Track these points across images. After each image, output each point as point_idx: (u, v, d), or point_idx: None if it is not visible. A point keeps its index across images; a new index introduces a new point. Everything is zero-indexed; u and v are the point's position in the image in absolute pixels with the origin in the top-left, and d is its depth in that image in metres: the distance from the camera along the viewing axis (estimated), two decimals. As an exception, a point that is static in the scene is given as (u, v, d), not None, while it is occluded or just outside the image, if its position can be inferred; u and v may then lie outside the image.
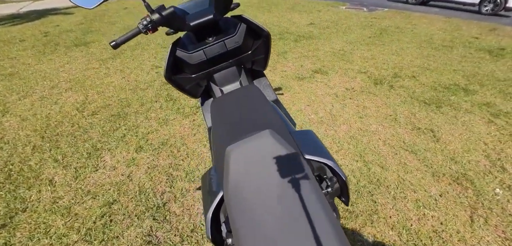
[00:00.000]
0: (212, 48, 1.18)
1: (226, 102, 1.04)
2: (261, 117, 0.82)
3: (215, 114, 0.99)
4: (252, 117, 0.83)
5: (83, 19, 6.60)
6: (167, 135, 2.00)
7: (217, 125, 0.91)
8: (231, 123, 0.83)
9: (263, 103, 0.94)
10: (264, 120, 0.80)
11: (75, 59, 3.79)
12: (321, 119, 2.18)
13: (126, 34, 0.96)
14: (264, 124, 0.77)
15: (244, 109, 0.91)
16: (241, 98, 1.01)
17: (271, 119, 0.81)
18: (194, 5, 1.25)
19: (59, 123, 2.24)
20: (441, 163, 1.77)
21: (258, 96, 1.00)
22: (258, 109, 0.89)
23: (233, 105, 0.98)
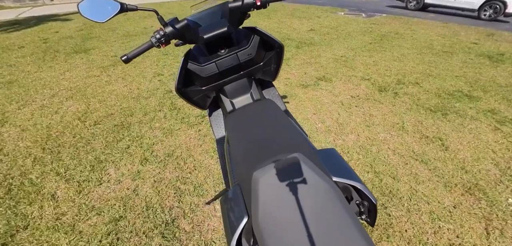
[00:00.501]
0: (224, 60, 1.15)
1: (242, 117, 1.00)
2: (284, 136, 0.79)
3: (232, 130, 0.96)
4: (274, 136, 0.80)
5: (82, 26, 6.56)
6: (172, 146, 1.96)
7: (235, 143, 0.88)
8: (253, 142, 0.79)
9: (282, 120, 0.91)
10: (288, 140, 0.77)
11: (75, 67, 3.73)
12: (329, 128, 2.15)
13: (137, 48, 0.93)
14: (290, 145, 0.73)
15: (264, 127, 0.88)
16: (258, 114, 0.98)
17: (295, 139, 0.78)
18: (206, 17, 1.23)
19: (60, 134, 2.19)
20: (452, 172, 1.74)
21: (276, 112, 0.97)
22: (278, 127, 0.86)
23: (251, 121, 0.95)
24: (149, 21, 7.12)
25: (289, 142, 0.76)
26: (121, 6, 0.87)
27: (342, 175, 0.70)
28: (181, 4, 11.21)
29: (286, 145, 0.74)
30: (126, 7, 0.88)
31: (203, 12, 1.26)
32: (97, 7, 0.87)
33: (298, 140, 0.79)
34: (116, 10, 0.87)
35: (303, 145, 0.75)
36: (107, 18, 0.88)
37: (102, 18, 0.88)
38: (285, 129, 0.85)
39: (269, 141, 0.77)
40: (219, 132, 1.50)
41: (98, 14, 0.87)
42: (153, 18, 7.59)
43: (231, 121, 1.03)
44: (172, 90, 2.83)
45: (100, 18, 0.87)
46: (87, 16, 0.86)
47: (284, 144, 0.75)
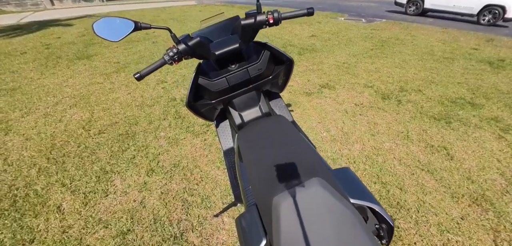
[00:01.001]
0: (235, 75, 1.16)
1: (255, 134, 1.00)
2: (300, 157, 0.79)
3: (245, 147, 0.96)
4: (290, 156, 0.80)
5: (84, 31, 6.58)
6: (178, 156, 1.95)
7: (249, 161, 0.88)
8: (269, 163, 0.79)
9: (296, 138, 0.91)
10: (305, 162, 0.77)
11: (78, 73, 3.74)
12: (334, 138, 2.15)
13: (150, 65, 0.93)
14: (307, 167, 0.73)
15: (278, 146, 0.88)
16: (271, 131, 0.98)
17: (311, 160, 0.78)
18: (216, 31, 1.24)
19: (64, 143, 2.18)
20: (458, 182, 1.75)
21: (289, 129, 0.97)
22: (293, 146, 0.86)
23: (265, 138, 0.94)
24: (150, 26, 7.15)
25: (306, 163, 0.76)
26: (135, 25, 0.88)
27: (360, 196, 0.71)
28: (183, 10, 11.27)
29: (303, 167, 0.74)
30: (140, 25, 0.88)
31: (212, 27, 1.27)
32: (111, 26, 0.87)
33: (314, 160, 0.79)
34: (130, 29, 0.88)
35: (319, 166, 0.75)
36: (121, 37, 0.88)
37: (116, 37, 0.88)
38: (300, 148, 0.85)
39: (286, 162, 0.77)
40: (227, 143, 1.50)
41: (112, 34, 0.87)
42: (156, 23, 7.63)
43: (243, 137, 1.03)
44: (176, 98, 2.83)
45: (114, 37, 0.88)
46: (101, 35, 0.87)
47: (301, 165, 0.75)
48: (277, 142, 0.90)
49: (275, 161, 0.79)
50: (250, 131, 1.05)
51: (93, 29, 0.85)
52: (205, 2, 15.26)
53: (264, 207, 0.69)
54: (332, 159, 1.92)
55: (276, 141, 0.91)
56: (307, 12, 1.01)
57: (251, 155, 0.90)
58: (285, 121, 1.03)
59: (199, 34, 1.24)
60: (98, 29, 0.86)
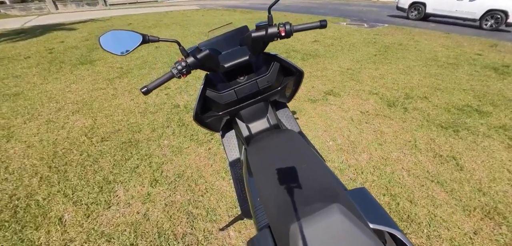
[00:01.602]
0: (243, 88, 1.13)
1: (265, 149, 0.97)
2: (316, 179, 0.76)
3: (255, 163, 0.92)
4: (305, 178, 0.76)
5: (88, 35, 6.59)
6: (182, 166, 1.92)
7: (261, 179, 0.84)
8: (283, 184, 0.76)
9: (310, 157, 0.88)
10: (321, 184, 0.73)
11: (81, 79, 3.72)
12: (341, 147, 2.12)
13: (157, 79, 0.91)
14: (324, 191, 0.70)
15: (291, 164, 0.84)
16: (283, 147, 0.95)
17: (328, 182, 0.74)
18: (223, 42, 1.21)
19: (67, 151, 2.15)
20: (469, 195, 1.70)
21: (302, 147, 0.93)
22: (307, 166, 0.82)
23: (276, 155, 0.91)
24: (153, 31, 7.16)
25: (322, 184, 0.73)
26: (143, 38, 0.85)
27: (379, 221, 0.67)
28: (185, 14, 11.32)
29: (320, 189, 0.70)
30: (148, 38, 0.86)
31: (220, 37, 1.24)
32: (119, 40, 0.85)
33: (330, 181, 0.75)
34: (138, 42, 0.85)
35: (336, 188, 0.72)
36: (128, 51, 0.86)
37: (123, 51, 0.86)
38: (314, 166, 0.82)
39: (301, 183, 0.74)
40: (233, 154, 1.47)
41: (119, 47, 0.85)
42: (158, 27, 7.64)
43: (253, 151, 1.00)
44: (179, 105, 2.81)
45: (121, 51, 0.86)
46: (108, 49, 0.84)
47: (318, 187, 0.71)
48: (289, 159, 0.87)
49: (289, 181, 0.76)
50: (260, 145, 1.02)
51: (100, 43, 0.83)
52: (208, 6, 15.34)
53: (279, 233, 0.65)
54: (340, 170, 1.88)
55: (288, 157, 0.88)
56: (320, 24, 0.98)
57: (262, 172, 0.86)
58: (297, 137, 0.99)
59: (207, 45, 1.21)
60: (105, 44, 0.84)
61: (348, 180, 1.79)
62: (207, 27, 7.70)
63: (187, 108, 2.74)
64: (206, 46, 1.21)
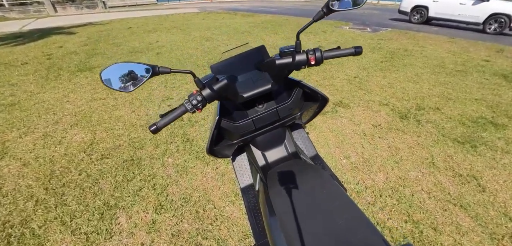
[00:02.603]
0: (263, 117, 1.01)
1: (291, 187, 0.86)
2: (355, 231, 0.65)
3: (279, 201, 0.81)
4: (342, 229, 0.65)
5: (87, 40, 6.47)
6: (188, 188, 1.80)
7: (289, 223, 0.73)
8: (316, 236, 0.65)
9: (343, 202, 0.77)
10: (362, 238, 0.62)
11: (80, 87, 3.60)
12: (355, 166, 2.01)
13: (168, 115, 0.79)
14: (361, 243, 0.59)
15: (324, 210, 0.74)
16: (312, 188, 0.83)
17: (370, 237, 0.63)
18: (238, 63, 1.10)
19: (64, 170, 2.03)
20: (495, 220, 1.59)
21: (333, 187, 0.82)
22: (341, 213, 0.71)
23: (305, 197, 0.80)
24: (153, 35, 7.04)
25: (362, 240, 0.62)
26: (152, 70, 0.74)
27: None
28: (185, 18, 11.21)
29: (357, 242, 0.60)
30: (158, 70, 0.75)
31: (234, 58, 1.13)
32: (123, 73, 0.73)
33: (373, 238, 0.64)
34: (146, 75, 0.74)
35: (376, 241, 0.61)
36: (136, 85, 0.74)
37: (130, 87, 0.74)
38: (350, 215, 0.71)
39: (340, 239, 0.63)
40: (245, 179, 1.36)
41: (124, 82, 0.73)
42: (158, 32, 7.53)
43: (274, 187, 0.89)
44: (183, 118, 2.69)
45: (127, 87, 0.74)
46: (112, 86, 0.73)
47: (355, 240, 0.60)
48: (322, 204, 0.76)
49: (325, 233, 0.65)
50: (282, 179, 0.91)
51: (101, 78, 0.71)
52: (208, 9, 15.24)
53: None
54: (356, 192, 1.77)
55: (320, 202, 0.77)
56: (354, 51, 0.87)
57: (288, 215, 0.75)
58: (326, 176, 0.88)
59: (220, 67, 1.10)
60: (108, 79, 0.72)
61: (366, 204, 1.68)
62: (209, 31, 7.60)
63: (191, 121, 2.62)
64: (219, 69, 1.10)
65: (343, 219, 0.70)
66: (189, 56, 4.96)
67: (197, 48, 5.55)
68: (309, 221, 0.71)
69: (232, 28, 7.93)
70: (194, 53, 5.20)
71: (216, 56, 4.93)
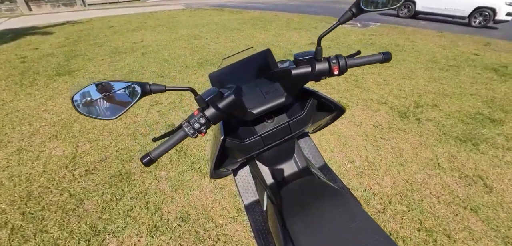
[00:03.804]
0: (273, 133, 0.88)
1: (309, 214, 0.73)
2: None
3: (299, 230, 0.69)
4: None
5: (65, 41, 6.06)
6: (185, 205, 1.65)
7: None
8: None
9: (372, 232, 0.65)
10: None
11: (59, 93, 3.32)
12: (360, 171, 1.92)
13: (164, 144, 0.65)
14: None
15: (346, 239, 0.62)
16: (336, 216, 0.71)
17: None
18: (241, 70, 0.95)
19: (44, 190, 1.82)
20: (506, 223, 1.55)
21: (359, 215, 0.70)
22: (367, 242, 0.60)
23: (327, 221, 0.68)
24: (138, 34, 6.70)
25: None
26: (142, 89, 0.59)
27: None
28: (171, 15, 10.82)
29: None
30: (150, 88, 0.60)
31: (235, 65, 0.98)
32: (105, 96, 0.57)
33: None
34: (135, 96, 0.59)
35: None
36: (121, 110, 0.59)
37: (113, 112, 0.59)
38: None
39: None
40: (249, 195, 1.23)
41: (105, 106, 0.58)
42: (143, 30, 7.19)
43: (289, 211, 0.77)
44: (175, 124, 2.51)
45: (109, 112, 0.59)
46: (88, 113, 0.57)
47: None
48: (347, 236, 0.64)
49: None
50: (298, 202, 0.79)
51: (73, 104, 0.55)
52: (194, 6, 14.83)
53: None
54: (365, 200, 1.68)
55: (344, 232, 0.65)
56: (382, 58, 0.76)
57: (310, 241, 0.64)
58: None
59: (220, 76, 0.95)
60: (82, 103, 0.56)
61: (377, 213, 1.60)
62: (196, 29, 7.34)
63: (184, 128, 2.45)
64: (219, 78, 0.95)
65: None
66: (177, 56, 4.73)
67: (185, 47, 5.31)
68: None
69: (221, 26, 7.70)
70: (182, 52, 4.97)
71: (206, 56, 4.73)
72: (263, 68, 0.95)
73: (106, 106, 0.56)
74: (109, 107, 0.57)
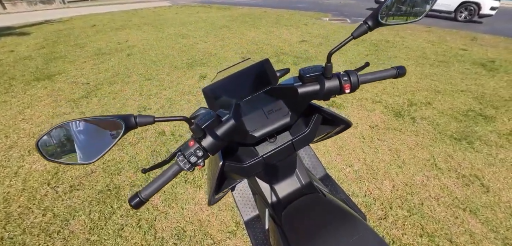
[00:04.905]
0: (276, 153, 0.80)
1: (315, 231, 0.67)
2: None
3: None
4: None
5: (43, 42, 5.72)
6: (180, 221, 1.55)
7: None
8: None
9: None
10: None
11: (38, 101, 3.10)
12: (359, 175, 1.88)
13: (155, 181, 0.58)
14: None
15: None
16: (340, 232, 0.66)
17: None
18: (237, 84, 0.87)
19: (24, 210, 1.68)
20: (504, 223, 1.56)
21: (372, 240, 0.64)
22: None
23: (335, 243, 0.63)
24: (122, 34, 6.43)
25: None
26: (125, 124, 0.49)
27: None
28: (156, 12, 10.48)
29: None
30: (136, 122, 0.51)
31: (230, 78, 0.90)
32: (80, 137, 0.48)
33: None
34: (117, 133, 0.49)
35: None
36: (101, 152, 0.49)
37: (92, 154, 0.49)
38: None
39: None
40: (248, 211, 1.16)
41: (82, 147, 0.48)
42: (127, 29, 6.90)
43: (296, 234, 0.72)
44: (165, 132, 2.39)
45: (87, 160, 0.49)
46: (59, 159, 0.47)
47: None
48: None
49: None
50: (304, 224, 0.73)
51: (39, 150, 0.45)
52: (180, 3, 14.44)
53: None
54: (366, 205, 1.65)
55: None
56: (396, 73, 0.69)
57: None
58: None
59: (215, 90, 0.86)
60: (49, 148, 0.46)
61: (378, 219, 1.56)
62: (184, 27, 7.12)
63: (174, 135, 2.34)
64: (214, 93, 0.86)
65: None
66: (165, 57, 4.56)
67: (173, 47, 5.13)
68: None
69: (209, 23, 7.51)
70: (170, 53, 4.80)
71: (195, 56, 4.58)
72: (262, 80, 0.87)
73: (81, 148, 0.47)
74: (86, 149, 0.47)
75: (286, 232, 0.76)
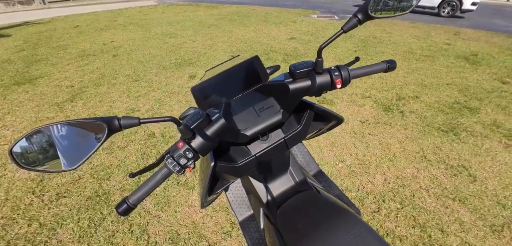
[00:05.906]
0: (268, 151, 0.79)
1: (311, 228, 0.67)
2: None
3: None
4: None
5: (23, 44, 5.46)
6: (174, 224, 1.52)
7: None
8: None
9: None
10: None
11: (19, 106, 2.96)
12: (352, 169, 1.90)
13: (144, 184, 0.56)
14: None
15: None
16: (336, 228, 0.66)
17: None
18: (226, 81, 0.85)
19: (8, 222, 1.59)
20: (491, 211, 1.61)
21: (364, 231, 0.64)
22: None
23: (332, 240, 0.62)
24: (107, 34, 6.24)
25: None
26: (108, 127, 0.47)
27: None
28: (142, 12, 10.24)
29: None
30: (120, 124, 0.48)
31: (219, 76, 0.87)
32: (55, 142, 0.44)
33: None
34: (100, 137, 0.47)
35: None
36: (83, 157, 0.46)
37: (71, 162, 0.46)
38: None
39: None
40: (243, 211, 1.15)
41: (67, 163, 0.45)
42: (112, 29, 6.70)
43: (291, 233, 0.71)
44: (155, 134, 2.33)
45: (69, 166, 0.46)
46: (36, 167, 0.43)
47: None
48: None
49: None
50: (299, 222, 0.73)
51: (14, 157, 0.41)
52: (167, 1, 14.17)
53: None
54: (359, 200, 1.66)
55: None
56: (387, 67, 0.70)
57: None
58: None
59: (204, 90, 0.84)
60: (24, 154, 0.42)
61: (372, 213, 1.58)
62: (171, 26, 6.98)
63: (165, 137, 2.29)
64: (203, 91, 0.83)
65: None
66: (152, 57, 4.46)
67: (161, 47, 5.02)
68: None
69: (197, 22, 7.41)
70: (157, 53, 4.69)
71: (183, 56, 4.50)
72: (252, 78, 0.85)
73: (64, 153, 0.44)
74: (69, 154, 0.44)
75: (281, 231, 0.75)
